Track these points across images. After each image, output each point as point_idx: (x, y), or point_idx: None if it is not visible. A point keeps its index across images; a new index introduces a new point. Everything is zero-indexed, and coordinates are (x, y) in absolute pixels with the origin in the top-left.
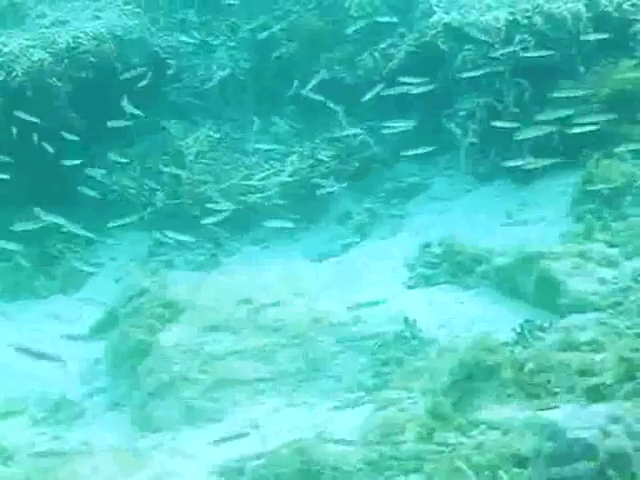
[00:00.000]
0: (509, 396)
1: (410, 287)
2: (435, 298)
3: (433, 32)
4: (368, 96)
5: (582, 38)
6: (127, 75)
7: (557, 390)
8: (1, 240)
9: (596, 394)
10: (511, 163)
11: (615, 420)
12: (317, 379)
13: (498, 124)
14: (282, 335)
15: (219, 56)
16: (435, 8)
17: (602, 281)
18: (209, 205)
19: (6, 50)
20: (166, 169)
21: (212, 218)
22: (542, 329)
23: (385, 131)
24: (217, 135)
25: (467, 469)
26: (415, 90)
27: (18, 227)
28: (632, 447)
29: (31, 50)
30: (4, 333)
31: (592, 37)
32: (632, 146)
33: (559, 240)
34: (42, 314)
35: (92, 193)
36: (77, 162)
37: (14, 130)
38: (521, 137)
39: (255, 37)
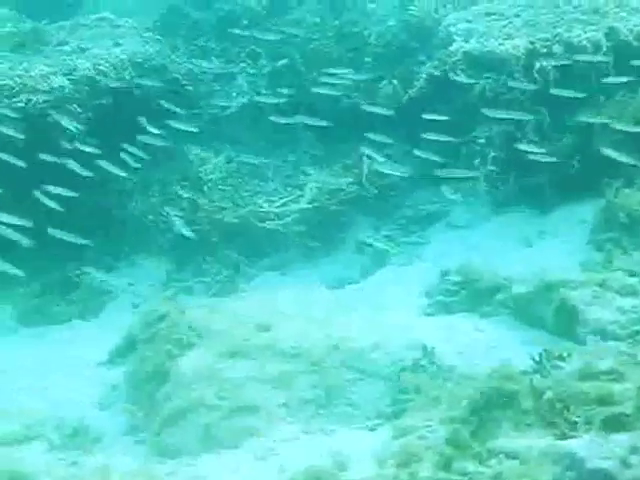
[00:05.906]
0: (528, 425)
1: (428, 314)
2: (453, 326)
3: (453, 60)
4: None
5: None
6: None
7: (576, 419)
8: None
9: (616, 424)
10: None
11: (635, 450)
12: (335, 406)
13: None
14: (300, 362)
15: (239, 83)
16: (455, 36)
17: (622, 310)
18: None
19: (27, 76)
20: (185, 195)
21: None
22: (561, 358)
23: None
24: (236, 161)
25: None
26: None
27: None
28: None
29: (52, 77)
30: (23, 358)
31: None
32: None
33: (579, 268)
34: (61, 339)
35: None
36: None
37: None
38: None
39: (275, 64)
